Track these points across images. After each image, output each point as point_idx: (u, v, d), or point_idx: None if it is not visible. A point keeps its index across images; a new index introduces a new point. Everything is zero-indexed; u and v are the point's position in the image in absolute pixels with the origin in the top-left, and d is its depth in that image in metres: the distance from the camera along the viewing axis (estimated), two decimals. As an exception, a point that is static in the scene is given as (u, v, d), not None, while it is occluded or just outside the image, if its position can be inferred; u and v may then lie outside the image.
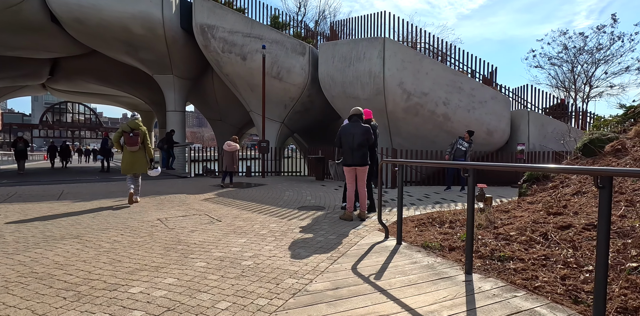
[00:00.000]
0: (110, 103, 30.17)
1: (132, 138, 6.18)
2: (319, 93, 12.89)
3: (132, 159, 6.26)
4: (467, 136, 8.63)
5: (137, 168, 6.32)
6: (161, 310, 2.19)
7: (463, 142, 8.59)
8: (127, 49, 14.23)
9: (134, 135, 6.21)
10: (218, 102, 19.32)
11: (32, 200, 6.69)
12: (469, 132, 8.70)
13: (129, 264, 3.07)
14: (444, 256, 3.29)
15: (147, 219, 5.01)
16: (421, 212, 5.61)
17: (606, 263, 1.80)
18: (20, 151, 13.80)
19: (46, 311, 2.16)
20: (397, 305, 2.27)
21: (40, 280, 2.68)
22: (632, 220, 3.00)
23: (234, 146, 9.11)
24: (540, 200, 4.27)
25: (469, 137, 8.62)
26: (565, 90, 19.75)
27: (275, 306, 2.26)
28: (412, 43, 12.28)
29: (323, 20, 23.02)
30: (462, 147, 8.55)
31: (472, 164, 2.87)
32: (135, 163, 6.29)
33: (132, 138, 6.18)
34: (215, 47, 12.84)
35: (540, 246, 3.08)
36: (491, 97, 10.99)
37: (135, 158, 6.27)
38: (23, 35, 13.92)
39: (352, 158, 4.97)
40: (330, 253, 3.42)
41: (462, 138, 8.66)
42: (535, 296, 2.37)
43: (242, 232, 4.29)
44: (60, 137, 43.19)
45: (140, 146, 6.31)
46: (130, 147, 6.21)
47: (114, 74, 19.78)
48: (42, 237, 4.01)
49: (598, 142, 4.82)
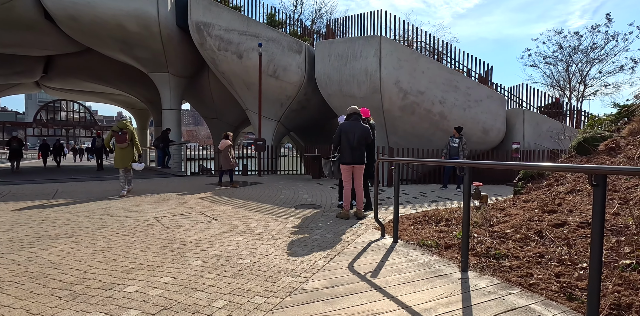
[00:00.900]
0: (105, 101, 29.95)
1: (121, 137, 7.09)
2: (316, 91, 12.87)
3: (122, 154, 7.17)
4: (456, 132, 8.73)
5: (126, 163, 7.21)
6: (157, 309, 2.18)
7: (454, 139, 8.68)
8: (121, 47, 14.12)
9: (122, 134, 7.10)
10: (214, 100, 19.23)
11: (26, 199, 6.63)
12: (456, 129, 8.79)
13: (125, 263, 3.05)
14: (440, 254, 3.31)
15: (143, 218, 4.99)
16: (417, 210, 5.63)
17: (600, 260, 1.81)
18: (14, 150, 14.04)
19: (41, 311, 2.15)
20: (393, 303, 2.28)
21: (35, 280, 2.66)
22: (625, 217, 3.03)
23: (224, 142, 8.99)
24: (535, 198, 4.30)
25: (457, 133, 8.71)
26: (560, 89, 19.89)
27: (272, 304, 2.26)
28: (408, 42, 12.29)
29: (319, 18, 22.96)
30: (454, 144, 8.62)
31: (467, 162, 2.89)
32: (124, 158, 7.18)
33: (120, 136, 7.09)
34: (211, 45, 12.78)
35: (535, 244, 3.10)
36: (487, 95, 11.04)
37: (124, 153, 7.18)
38: (16, 33, 13.77)
39: (351, 157, 4.96)
40: (327, 252, 3.42)
41: (452, 136, 8.77)
42: (530, 294, 2.39)
43: (239, 230, 4.28)
44: (55, 135, 42.84)
45: (128, 143, 7.17)
46: (120, 144, 7.09)
47: (109, 72, 19.61)
48: (37, 236, 3.98)
49: (592, 141, 4.86)
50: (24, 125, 44.33)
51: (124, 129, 7.12)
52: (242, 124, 21.77)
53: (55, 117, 46.96)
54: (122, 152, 7.15)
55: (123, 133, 7.09)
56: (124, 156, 7.16)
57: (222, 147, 8.94)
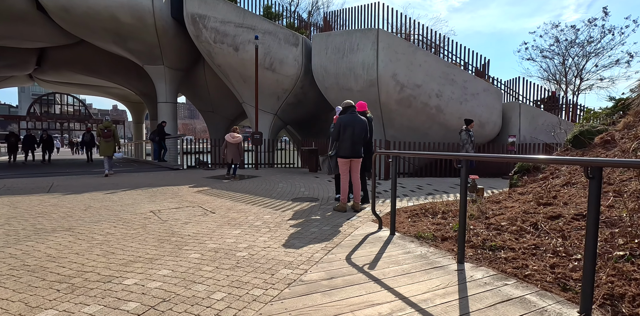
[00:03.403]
0: (100, 94, 29.62)
1: (106, 133, 9.62)
2: (312, 84, 12.80)
3: (106, 146, 9.62)
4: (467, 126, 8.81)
5: (108, 152, 9.70)
6: (156, 301, 2.19)
7: (470, 132, 8.72)
8: (115, 39, 13.92)
9: (108, 131, 9.66)
10: (210, 94, 19.07)
11: (22, 193, 6.59)
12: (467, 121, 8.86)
13: (123, 256, 3.06)
14: (437, 246, 3.34)
15: (140, 211, 4.98)
16: (414, 203, 5.66)
17: (594, 251, 1.84)
18: (12, 146, 15.85)
19: (40, 304, 2.15)
20: (391, 294, 2.30)
21: (33, 273, 2.66)
22: (619, 210, 3.06)
23: (238, 137, 9.01)
24: (530, 191, 4.34)
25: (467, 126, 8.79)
26: (557, 83, 19.91)
27: (271, 296, 2.28)
28: (405, 35, 12.22)
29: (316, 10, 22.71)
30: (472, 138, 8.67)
31: (464, 155, 2.90)
32: (107, 149, 9.64)
33: (106, 133, 9.62)
34: (206, 38, 12.63)
35: (530, 236, 3.14)
36: (483, 89, 11.04)
37: (108, 146, 9.64)
38: (7, 24, 13.52)
39: (350, 150, 4.96)
40: (325, 244, 3.44)
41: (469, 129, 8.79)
42: (525, 284, 2.42)
43: (236, 223, 4.29)
44: (49, 128, 42.35)
45: (111, 138, 9.66)
46: (105, 138, 9.61)
47: (104, 65, 19.34)
48: (33, 229, 3.97)
49: (588, 134, 4.88)
50: (18, 118, 43.67)
51: (108, 128, 9.72)
52: (238, 117, 21.64)
53: (49, 110, 46.32)
54: (106, 144, 9.59)
55: (108, 131, 9.64)
56: (108, 147, 9.62)
57: (236, 142, 8.92)
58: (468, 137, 8.61)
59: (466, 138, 8.60)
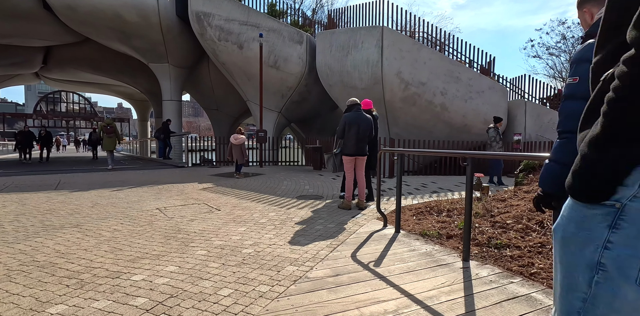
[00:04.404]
0: (106, 92, 29.80)
1: (109, 130, 10.87)
2: (317, 82, 12.79)
3: (109, 142, 10.88)
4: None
5: (111, 147, 10.99)
6: (164, 296, 2.22)
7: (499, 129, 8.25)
8: (120, 37, 13.98)
9: (110, 128, 10.89)
10: (214, 91, 19.12)
11: (29, 190, 6.67)
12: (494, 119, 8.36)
13: (130, 252, 3.09)
14: (442, 244, 3.34)
15: (146, 208, 5.03)
16: (419, 201, 5.66)
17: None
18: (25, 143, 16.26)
19: (50, 299, 2.19)
20: (396, 291, 2.31)
21: (42, 268, 2.70)
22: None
23: (241, 138, 9.04)
24: (536, 189, 4.32)
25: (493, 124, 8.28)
26: (563, 81, 19.74)
27: (277, 292, 2.30)
28: (410, 32, 12.17)
29: (320, 8, 22.69)
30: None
31: (469, 153, 2.90)
32: (110, 144, 10.90)
33: (108, 129, 10.87)
34: (211, 35, 12.65)
35: (536, 234, 3.13)
36: (488, 87, 10.98)
37: (110, 141, 10.91)
38: (14, 23, 13.62)
39: (355, 148, 4.96)
40: (330, 241, 3.46)
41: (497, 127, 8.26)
42: (531, 283, 2.42)
43: (242, 220, 4.32)
44: (55, 126, 42.76)
45: (113, 134, 10.90)
46: (108, 134, 10.85)
47: (109, 63, 19.45)
48: (42, 226, 4.02)
49: (595, 132, 4.84)
50: (24, 116, 44.14)
51: (110, 124, 10.98)
52: (242, 115, 21.68)
53: (55, 108, 46.80)
54: (109, 139, 10.88)
55: (110, 128, 10.90)
56: (110, 142, 10.94)
57: (239, 143, 8.97)
58: (497, 135, 8.08)
59: (494, 135, 8.03)
